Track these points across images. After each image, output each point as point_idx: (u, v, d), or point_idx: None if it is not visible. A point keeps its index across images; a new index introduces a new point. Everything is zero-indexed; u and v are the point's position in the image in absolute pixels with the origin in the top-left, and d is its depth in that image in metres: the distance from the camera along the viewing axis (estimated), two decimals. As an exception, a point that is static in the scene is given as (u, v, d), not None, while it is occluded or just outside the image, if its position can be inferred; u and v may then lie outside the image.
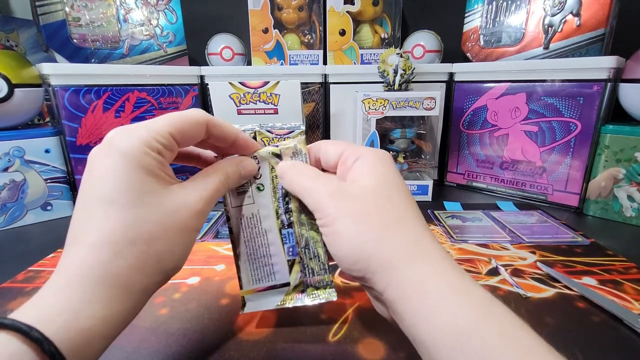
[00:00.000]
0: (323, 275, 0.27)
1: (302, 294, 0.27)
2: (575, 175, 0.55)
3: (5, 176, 0.50)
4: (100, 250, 0.17)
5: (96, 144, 0.20)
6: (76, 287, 0.17)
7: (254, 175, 0.27)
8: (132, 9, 0.61)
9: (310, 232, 0.27)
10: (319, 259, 0.27)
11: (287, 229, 0.27)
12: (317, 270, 0.27)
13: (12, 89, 0.49)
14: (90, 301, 0.17)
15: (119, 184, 0.18)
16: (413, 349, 0.19)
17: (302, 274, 0.27)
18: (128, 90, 0.58)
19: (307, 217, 0.27)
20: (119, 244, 0.18)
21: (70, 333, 0.16)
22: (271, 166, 0.27)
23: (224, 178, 0.24)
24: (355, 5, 0.66)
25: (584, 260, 0.40)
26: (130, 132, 0.20)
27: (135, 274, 0.18)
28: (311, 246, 0.27)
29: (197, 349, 0.27)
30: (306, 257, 0.27)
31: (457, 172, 0.70)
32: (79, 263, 0.17)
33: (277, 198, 0.27)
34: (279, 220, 0.27)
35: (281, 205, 0.27)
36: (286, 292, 0.27)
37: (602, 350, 0.27)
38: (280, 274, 0.27)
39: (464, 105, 0.66)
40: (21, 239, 0.48)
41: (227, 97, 0.60)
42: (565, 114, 0.54)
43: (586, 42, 0.53)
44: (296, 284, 0.27)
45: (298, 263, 0.27)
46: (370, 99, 0.56)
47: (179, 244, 0.20)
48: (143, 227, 0.18)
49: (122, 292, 0.18)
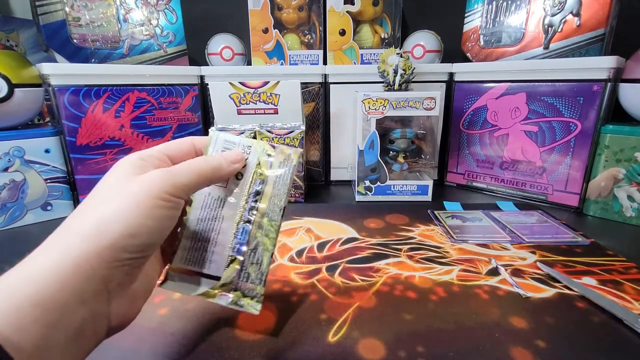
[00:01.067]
0: (256, 285, 0.26)
1: (227, 294, 0.26)
2: (575, 175, 0.55)
3: (5, 176, 0.50)
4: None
5: (96, 144, 0.20)
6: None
7: (238, 164, 0.27)
8: (132, 9, 0.61)
9: (264, 238, 0.26)
10: (260, 266, 0.26)
11: (245, 224, 0.26)
12: (253, 277, 0.26)
13: (12, 89, 0.49)
14: None
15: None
16: (413, 349, 0.19)
17: (237, 276, 0.26)
18: (128, 90, 0.58)
19: (268, 222, 0.26)
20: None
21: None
22: (258, 161, 0.27)
23: (201, 159, 0.25)
24: (355, 5, 0.66)
25: (584, 260, 0.40)
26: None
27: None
28: (259, 251, 0.26)
29: (197, 348, 0.27)
30: (248, 260, 0.26)
31: (457, 172, 0.70)
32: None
33: (249, 193, 0.27)
34: (242, 212, 0.27)
35: (250, 201, 0.27)
36: (212, 286, 0.26)
37: (602, 350, 0.27)
38: (216, 265, 0.26)
39: (464, 105, 0.66)
40: (21, 239, 0.48)
41: (227, 97, 0.60)
42: (565, 114, 0.54)
43: (586, 42, 0.53)
44: (226, 282, 0.26)
45: (238, 263, 0.26)
46: (370, 99, 0.56)
47: (132, 211, 0.20)
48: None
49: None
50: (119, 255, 0.19)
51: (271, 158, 0.27)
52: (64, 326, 0.17)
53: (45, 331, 0.16)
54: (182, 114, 0.65)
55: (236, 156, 0.26)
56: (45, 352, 0.16)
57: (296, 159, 0.27)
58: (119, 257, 0.19)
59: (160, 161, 0.24)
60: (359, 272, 0.38)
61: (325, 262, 0.40)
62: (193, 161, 0.24)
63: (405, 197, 0.61)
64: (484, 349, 0.27)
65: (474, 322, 0.30)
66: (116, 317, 0.21)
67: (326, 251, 0.43)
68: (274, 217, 0.27)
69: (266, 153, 0.27)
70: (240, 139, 0.27)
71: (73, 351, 0.18)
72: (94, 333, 0.19)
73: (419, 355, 0.26)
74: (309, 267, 0.39)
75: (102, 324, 0.20)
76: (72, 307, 0.18)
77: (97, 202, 0.21)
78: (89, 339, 0.19)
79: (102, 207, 0.20)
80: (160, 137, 0.63)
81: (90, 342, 0.19)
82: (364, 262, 0.40)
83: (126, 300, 0.21)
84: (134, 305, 0.22)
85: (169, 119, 0.64)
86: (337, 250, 0.43)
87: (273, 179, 0.27)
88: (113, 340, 0.28)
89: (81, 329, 0.18)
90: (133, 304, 0.22)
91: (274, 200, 0.27)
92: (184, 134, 0.66)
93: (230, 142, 0.27)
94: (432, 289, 0.35)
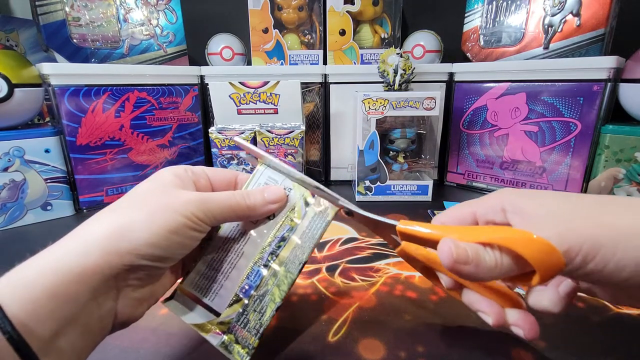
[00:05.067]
0: (252, 336, 0.24)
1: (220, 335, 0.24)
2: (575, 175, 0.55)
3: (5, 176, 0.50)
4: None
5: (96, 144, 0.21)
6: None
7: (276, 206, 0.26)
8: (132, 8, 0.61)
9: (274, 288, 0.25)
10: (261, 317, 0.25)
11: (260, 268, 0.26)
12: (251, 326, 0.24)
13: (12, 89, 0.49)
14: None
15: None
16: (413, 349, 0.19)
17: (236, 318, 0.25)
18: (128, 90, 0.58)
19: (284, 273, 0.25)
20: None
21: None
22: (294, 207, 0.26)
23: (239, 194, 0.24)
24: (355, 5, 0.66)
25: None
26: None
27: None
28: (265, 300, 0.25)
29: (198, 348, 0.27)
30: (252, 306, 0.25)
31: (457, 172, 0.70)
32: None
33: (276, 236, 0.26)
34: (262, 254, 0.26)
35: (273, 245, 0.26)
36: (210, 320, 0.25)
37: (602, 350, 0.27)
38: (220, 300, 0.25)
39: (464, 105, 0.66)
40: (21, 239, 0.48)
41: (227, 97, 0.60)
42: (565, 114, 0.54)
43: (586, 42, 0.53)
44: (224, 321, 0.25)
45: (241, 305, 0.25)
46: (370, 99, 0.56)
47: (158, 228, 0.20)
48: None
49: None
50: (138, 261, 0.20)
51: (307, 208, 0.26)
52: (75, 320, 0.18)
53: (58, 323, 0.17)
54: (182, 113, 0.65)
55: (276, 197, 0.26)
56: (57, 343, 0.17)
57: (332, 215, 0.26)
58: (138, 263, 0.20)
59: (203, 180, 0.25)
60: (359, 272, 0.38)
61: (325, 262, 0.40)
62: (231, 195, 0.24)
63: (405, 197, 0.61)
64: (484, 349, 0.27)
65: (474, 322, 0.30)
66: (121, 316, 0.21)
67: (326, 251, 0.43)
68: (291, 269, 0.25)
69: (305, 200, 0.26)
70: (284, 180, 0.27)
71: (82, 344, 0.19)
72: (101, 328, 0.20)
73: (419, 355, 0.26)
74: (309, 267, 0.39)
75: (108, 321, 0.20)
76: (86, 303, 0.18)
77: (130, 204, 0.21)
78: (97, 333, 0.20)
79: (133, 211, 0.21)
80: (160, 137, 0.63)
81: (97, 337, 0.20)
82: (364, 262, 0.40)
83: (133, 302, 0.22)
84: (139, 308, 0.22)
85: (169, 119, 0.64)
86: (337, 250, 0.43)
87: (303, 229, 0.26)
88: (114, 340, 0.28)
89: (91, 323, 0.19)
90: (139, 306, 0.22)
91: (296, 251, 0.26)
92: (184, 134, 0.66)
93: (273, 180, 0.27)
94: (432, 289, 0.35)
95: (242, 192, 0.25)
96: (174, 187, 0.22)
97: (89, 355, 0.20)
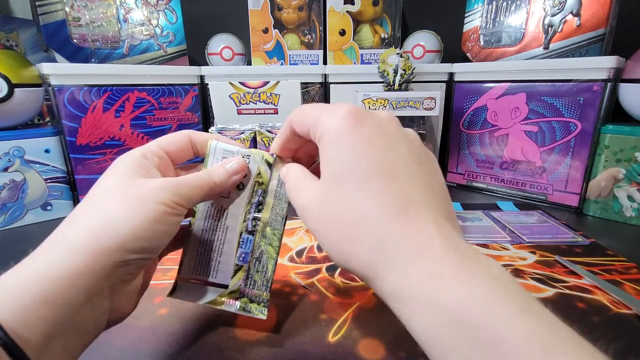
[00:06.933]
0: (262, 291, 0.27)
1: (235, 301, 0.27)
2: (575, 175, 0.55)
3: (5, 176, 0.50)
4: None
5: (96, 144, 0.21)
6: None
7: (239, 176, 0.26)
8: (132, 8, 0.61)
9: (267, 247, 0.27)
10: (265, 274, 0.27)
11: (248, 235, 0.27)
12: (259, 284, 0.27)
13: (12, 89, 0.49)
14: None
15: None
16: (413, 349, 0.19)
17: (243, 283, 0.27)
18: (128, 90, 0.58)
19: (271, 231, 0.27)
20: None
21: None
22: (258, 170, 0.27)
23: (204, 174, 0.25)
24: (355, 5, 0.66)
25: (584, 260, 0.40)
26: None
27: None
28: (263, 260, 0.27)
29: (197, 348, 0.27)
30: (253, 268, 0.27)
31: (457, 172, 0.70)
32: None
33: (252, 202, 0.27)
34: (245, 223, 0.27)
35: (252, 211, 0.27)
36: (220, 294, 0.27)
37: (602, 350, 0.27)
38: (223, 274, 0.27)
39: (464, 105, 0.66)
40: (21, 239, 0.48)
41: (227, 97, 0.60)
42: (565, 114, 0.54)
43: (586, 42, 0.53)
44: (234, 289, 0.27)
45: (244, 271, 0.27)
46: (370, 99, 0.56)
47: (134, 214, 0.20)
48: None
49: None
50: (126, 256, 0.20)
51: (271, 168, 0.27)
52: (68, 322, 0.18)
53: (51, 327, 0.17)
54: (182, 114, 0.65)
55: (238, 167, 0.26)
56: (50, 346, 0.17)
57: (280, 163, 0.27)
58: (127, 258, 0.20)
59: (161, 159, 0.25)
60: (359, 272, 0.38)
61: (325, 262, 0.40)
62: (197, 175, 0.24)
63: (405, 197, 0.61)
64: (484, 349, 0.27)
65: (474, 322, 0.30)
66: (116, 312, 0.21)
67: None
68: (276, 227, 0.27)
69: (265, 162, 0.27)
70: (239, 148, 0.27)
71: (75, 344, 0.19)
72: (94, 327, 0.20)
73: (419, 355, 0.26)
74: (309, 267, 0.39)
75: (103, 319, 0.21)
76: (78, 305, 0.18)
77: (101, 201, 0.21)
78: (90, 333, 0.20)
79: (108, 207, 0.20)
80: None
81: (90, 336, 0.20)
82: (364, 262, 0.40)
83: (126, 296, 0.22)
84: (132, 300, 0.23)
85: (169, 119, 0.64)
86: (337, 250, 0.43)
87: (274, 188, 0.27)
88: (114, 340, 0.28)
89: (84, 324, 0.19)
90: (132, 299, 0.23)
91: (275, 209, 0.27)
92: (184, 134, 0.66)
93: (229, 152, 0.27)
94: (432, 289, 0.35)
95: (206, 170, 0.26)
96: (140, 178, 0.22)
97: (82, 352, 0.20)
